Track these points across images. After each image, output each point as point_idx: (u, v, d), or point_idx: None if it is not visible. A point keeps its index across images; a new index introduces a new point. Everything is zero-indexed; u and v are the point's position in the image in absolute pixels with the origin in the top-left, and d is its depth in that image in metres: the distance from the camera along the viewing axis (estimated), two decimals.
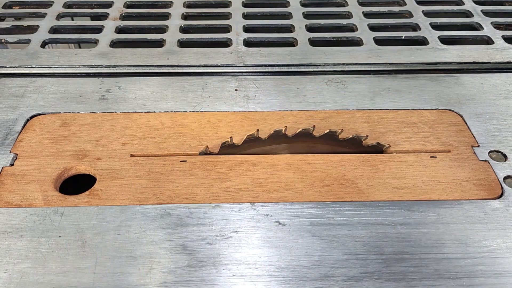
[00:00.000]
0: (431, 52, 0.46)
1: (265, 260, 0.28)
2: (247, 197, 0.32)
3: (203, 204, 0.31)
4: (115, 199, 0.31)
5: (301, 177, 0.33)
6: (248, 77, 0.43)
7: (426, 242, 0.29)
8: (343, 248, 0.29)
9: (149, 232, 0.29)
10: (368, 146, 0.35)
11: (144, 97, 0.40)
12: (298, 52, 0.46)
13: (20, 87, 0.41)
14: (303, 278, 0.27)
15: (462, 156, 0.35)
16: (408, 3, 0.55)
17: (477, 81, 0.43)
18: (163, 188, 0.32)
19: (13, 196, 0.31)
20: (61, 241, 0.29)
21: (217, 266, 0.28)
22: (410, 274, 0.27)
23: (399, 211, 0.31)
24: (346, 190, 0.32)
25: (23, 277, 0.27)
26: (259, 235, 0.29)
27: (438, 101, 0.40)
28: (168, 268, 0.27)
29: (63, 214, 0.30)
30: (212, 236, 0.29)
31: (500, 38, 0.48)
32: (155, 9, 0.54)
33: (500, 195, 0.32)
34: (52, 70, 0.43)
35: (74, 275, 0.27)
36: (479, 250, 0.29)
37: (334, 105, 0.39)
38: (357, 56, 0.45)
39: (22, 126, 0.37)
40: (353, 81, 0.43)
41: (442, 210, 0.31)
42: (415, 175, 0.33)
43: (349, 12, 0.53)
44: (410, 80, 0.43)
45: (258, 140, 0.35)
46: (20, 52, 0.46)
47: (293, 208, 0.31)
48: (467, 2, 0.56)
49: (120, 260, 0.28)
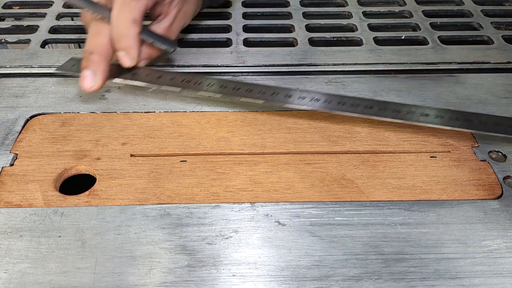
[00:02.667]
0: (431, 52, 0.46)
1: (265, 260, 0.28)
2: (247, 197, 0.32)
3: (203, 204, 0.31)
4: (115, 199, 0.31)
5: (301, 177, 0.33)
6: (248, 77, 0.43)
7: (426, 242, 0.29)
8: (343, 248, 0.29)
9: (149, 232, 0.29)
10: None
11: (144, 97, 0.40)
12: (298, 52, 0.46)
13: (20, 87, 0.41)
14: (303, 278, 0.27)
15: (462, 156, 0.35)
16: (408, 3, 0.55)
17: (477, 81, 0.43)
18: (163, 188, 0.32)
19: (13, 196, 0.31)
20: (61, 241, 0.29)
21: (217, 266, 0.28)
22: (410, 274, 0.27)
23: (399, 211, 0.31)
24: (346, 190, 0.32)
25: (23, 277, 0.27)
26: (259, 235, 0.29)
27: (438, 101, 0.40)
28: (168, 268, 0.27)
29: (63, 214, 0.30)
30: (212, 236, 0.29)
31: (500, 38, 0.48)
32: None
33: (500, 195, 0.32)
34: (52, 70, 0.43)
35: (74, 275, 0.27)
36: (479, 250, 0.29)
37: None
38: (357, 56, 0.45)
39: (22, 126, 0.37)
40: (353, 81, 0.43)
41: (442, 210, 0.31)
42: (415, 175, 0.33)
43: (349, 12, 0.53)
44: (410, 80, 0.43)
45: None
46: (20, 52, 0.46)
47: (293, 208, 0.31)
48: (467, 2, 0.56)
49: (120, 260, 0.28)
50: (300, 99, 0.35)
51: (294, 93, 0.35)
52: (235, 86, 0.36)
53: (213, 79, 0.36)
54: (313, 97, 0.35)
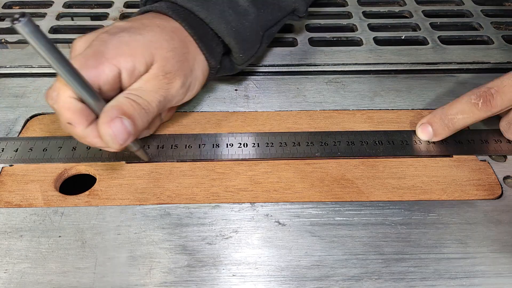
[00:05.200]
0: (431, 52, 0.46)
1: (265, 260, 0.28)
2: (247, 197, 0.32)
3: (203, 204, 0.31)
4: (115, 199, 0.31)
5: (301, 177, 0.33)
6: (248, 77, 0.43)
7: (426, 242, 0.29)
8: (343, 248, 0.29)
9: (149, 232, 0.29)
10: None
11: None
12: (298, 52, 0.46)
13: (20, 87, 0.41)
14: (303, 278, 0.27)
15: (462, 156, 0.35)
16: (408, 3, 0.55)
17: (477, 81, 0.43)
18: (163, 188, 0.32)
19: (13, 196, 0.31)
20: (61, 241, 0.29)
21: (217, 266, 0.28)
22: (410, 274, 0.27)
23: (399, 211, 0.31)
24: (346, 190, 0.32)
25: (23, 277, 0.27)
26: (259, 235, 0.29)
27: (438, 101, 0.40)
28: (168, 268, 0.27)
29: (63, 214, 0.30)
30: (212, 236, 0.29)
31: (500, 38, 0.48)
32: None
33: (500, 195, 0.32)
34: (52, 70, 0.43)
35: (74, 275, 0.27)
36: (479, 250, 0.29)
37: (334, 105, 0.39)
38: (357, 56, 0.45)
39: (22, 126, 0.37)
40: (353, 81, 0.43)
41: (442, 210, 0.31)
42: (415, 175, 0.33)
43: (349, 12, 0.53)
44: (410, 80, 0.43)
45: None
46: (20, 52, 0.46)
47: (293, 208, 0.31)
48: (467, 2, 0.56)
49: (120, 260, 0.28)
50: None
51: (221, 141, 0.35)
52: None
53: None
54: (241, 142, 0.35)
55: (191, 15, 0.34)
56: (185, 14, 0.34)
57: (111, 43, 0.29)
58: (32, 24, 0.22)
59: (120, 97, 0.29)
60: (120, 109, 0.28)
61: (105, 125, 0.28)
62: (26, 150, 0.34)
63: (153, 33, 0.31)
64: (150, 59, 0.30)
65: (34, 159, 0.34)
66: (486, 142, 0.35)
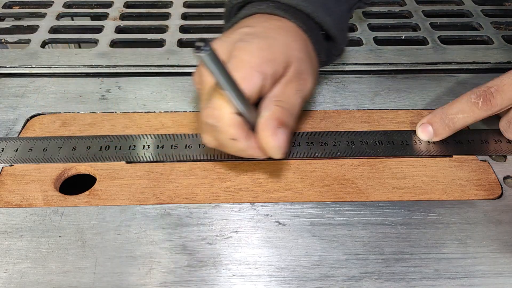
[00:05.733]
0: (431, 52, 0.46)
1: (265, 260, 0.28)
2: (247, 197, 0.32)
3: (203, 204, 0.31)
4: (115, 199, 0.31)
5: (301, 177, 0.33)
6: None
7: (426, 242, 0.29)
8: (343, 248, 0.29)
9: (149, 232, 0.29)
10: None
11: (144, 97, 0.40)
12: None
13: (20, 87, 0.41)
14: (303, 278, 0.27)
15: (462, 156, 0.35)
16: (408, 3, 0.55)
17: (477, 81, 0.43)
18: (163, 188, 0.32)
19: (13, 196, 0.31)
20: (61, 241, 0.29)
21: (217, 266, 0.28)
22: (410, 274, 0.27)
23: (399, 211, 0.31)
24: (346, 190, 0.32)
25: (23, 277, 0.27)
26: (259, 235, 0.29)
27: (438, 101, 0.40)
28: (168, 268, 0.27)
29: (63, 214, 0.30)
30: (212, 236, 0.29)
31: (500, 38, 0.48)
32: (155, 9, 0.54)
33: (500, 195, 0.32)
34: (52, 70, 0.43)
35: (74, 275, 0.27)
36: (479, 250, 0.29)
37: (334, 105, 0.39)
38: (357, 56, 0.45)
39: (22, 126, 0.37)
40: (353, 81, 0.43)
41: (442, 210, 0.31)
42: (415, 175, 0.33)
43: None
44: (410, 80, 0.43)
45: None
46: (20, 52, 0.46)
47: (293, 208, 0.31)
48: (467, 2, 0.56)
49: (120, 260, 0.28)
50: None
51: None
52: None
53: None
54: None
55: (297, 12, 0.33)
56: (294, 12, 0.33)
57: (251, 51, 0.28)
58: (213, 52, 0.21)
59: (271, 105, 0.28)
60: (278, 119, 0.28)
61: (270, 138, 0.27)
62: (26, 150, 0.34)
63: (282, 35, 0.30)
64: (288, 61, 0.30)
65: (34, 159, 0.34)
66: (486, 142, 0.35)
